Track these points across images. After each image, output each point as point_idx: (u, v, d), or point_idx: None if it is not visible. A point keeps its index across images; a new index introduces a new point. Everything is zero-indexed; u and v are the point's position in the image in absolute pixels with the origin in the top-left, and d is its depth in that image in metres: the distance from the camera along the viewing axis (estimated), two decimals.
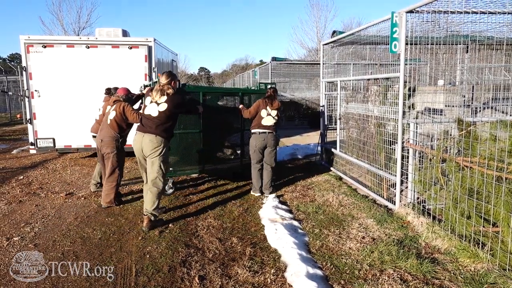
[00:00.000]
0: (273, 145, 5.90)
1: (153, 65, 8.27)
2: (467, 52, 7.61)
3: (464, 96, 7.13)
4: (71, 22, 25.04)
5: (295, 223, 4.72)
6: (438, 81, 8.16)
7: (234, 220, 4.92)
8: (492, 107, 7.16)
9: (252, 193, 6.09)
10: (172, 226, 4.73)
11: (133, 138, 4.76)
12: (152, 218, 4.64)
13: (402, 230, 4.36)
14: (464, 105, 6.76)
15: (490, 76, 7.53)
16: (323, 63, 7.72)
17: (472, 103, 6.85)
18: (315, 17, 30.43)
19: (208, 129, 6.05)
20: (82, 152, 9.18)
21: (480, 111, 7.10)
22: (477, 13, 4.23)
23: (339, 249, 3.97)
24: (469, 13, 4.24)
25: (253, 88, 7.45)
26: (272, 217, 4.88)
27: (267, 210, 5.15)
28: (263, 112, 5.85)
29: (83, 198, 5.93)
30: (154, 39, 8.25)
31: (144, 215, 4.65)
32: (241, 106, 6.21)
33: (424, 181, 4.36)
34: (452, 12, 4.43)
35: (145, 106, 4.77)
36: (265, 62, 18.50)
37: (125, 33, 8.88)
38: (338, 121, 6.95)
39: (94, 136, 6.20)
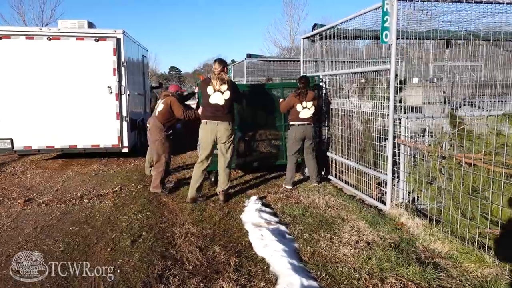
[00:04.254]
0: (311, 137, 5.94)
1: (123, 60, 7.69)
2: (447, 47, 7.50)
3: (444, 92, 7.00)
4: (33, 17, 23.65)
5: (282, 227, 4.34)
6: (413, 78, 8.03)
7: (214, 226, 4.49)
8: (471, 103, 7.07)
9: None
10: (146, 234, 4.25)
11: (202, 126, 5.16)
12: (227, 192, 5.39)
13: (396, 232, 4.07)
14: (444, 101, 6.62)
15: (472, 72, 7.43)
16: (303, 59, 7.39)
17: (456, 99, 6.69)
18: (288, 15, 30.43)
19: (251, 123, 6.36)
20: (44, 153, 8.46)
21: (460, 107, 6.99)
22: (472, 2, 3.99)
23: (333, 256, 3.62)
24: (463, 2, 4.00)
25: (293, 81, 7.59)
26: (256, 222, 4.49)
27: (250, 214, 4.74)
28: (299, 107, 5.84)
29: (44, 205, 5.32)
30: (123, 31, 7.68)
31: (220, 192, 5.29)
32: (281, 100, 6.19)
33: (420, 180, 4.09)
34: (444, 0, 4.18)
35: (208, 95, 5.05)
36: (236, 61, 18.02)
37: (91, 25, 8.22)
38: (320, 118, 6.64)
39: None
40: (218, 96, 5.04)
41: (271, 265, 3.46)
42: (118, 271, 3.41)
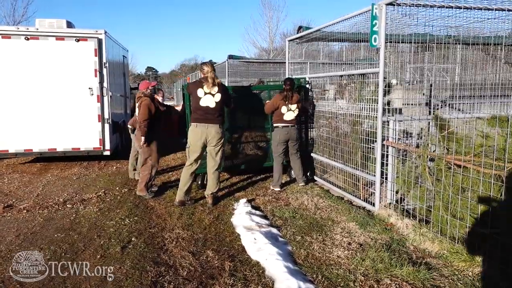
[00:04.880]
0: (296, 138, 5.99)
1: (104, 60, 7.51)
2: (427, 50, 7.69)
3: (424, 94, 7.18)
4: (4, 15, 22.84)
5: (274, 230, 4.33)
6: (392, 80, 8.20)
7: (205, 230, 4.44)
8: (450, 105, 7.28)
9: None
10: (136, 240, 4.16)
11: (192, 129, 5.08)
12: (216, 195, 5.33)
13: (386, 233, 4.13)
14: (424, 103, 6.78)
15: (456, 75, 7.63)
16: (289, 61, 7.41)
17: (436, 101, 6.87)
18: (267, 17, 30.65)
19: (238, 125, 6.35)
20: (21, 157, 8.17)
21: (438, 108, 7.19)
22: (461, 8, 4.10)
23: (327, 258, 3.64)
24: (452, 7, 4.10)
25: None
26: (247, 225, 4.46)
27: (241, 217, 4.72)
28: (283, 109, 5.84)
29: (25, 211, 5.12)
30: (105, 31, 7.50)
31: (209, 195, 5.24)
32: (266, 102, 6.20)
33: (409, 181, 4.17)
34: (432, 6, 4.28)
35: (198, 98, 4.97)
36: (215, 63, 17.91)
37: (70, 25, 7.98)
38: (307, 120, 6.68)
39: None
40: (209, 98, 4.98)
41: (267, 269, 3.45)
42: (110, 279, 3.32)
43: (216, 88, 4.99)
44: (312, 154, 6.51)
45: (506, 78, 6.67)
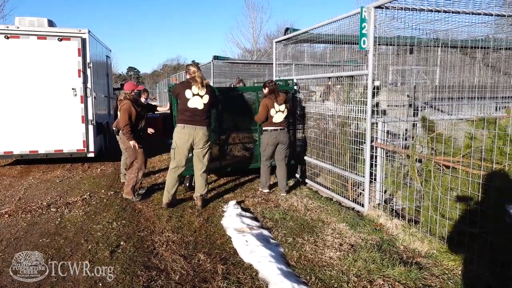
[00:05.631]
0: (285, 142, 5.76)
1: (88, 61, 7.35)
2: (411, 53, 7.84)
3: (409, 96, 7.31)
4: None
5: (265, 232, 4.32)
6: (374, 82, 8.31)
7: (195, 233, 4.39)
8: (433, 107, 7.43)
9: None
10: (125, 244, 4.07)
11: (178, 130, 5.00)
12: (205, 197, 5.29)
13: (376, 233, 4.18)
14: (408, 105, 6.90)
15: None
16: (276, 63, 7.42)
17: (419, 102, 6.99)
18: (251, 17, 30.62)
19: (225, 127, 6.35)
20: (0, 160, 7.91)
21: (422, 110, 7.33)
22: (449, 12, 4.18)
23: (319, 259, 3.65)
24: (440, 11, 4.18)
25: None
26: (238, 227, 4.44)
27: (231, 219, 4.69)
28: (272, 111, 5.65)
29: (7, 216, 4.96)
30: (89, 31, 7.35)
31: (198, 197, 5.19)
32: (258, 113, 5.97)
33: (398, 182, 4.23)
34: (421, 10, 4.34)
35: (187, 99, 4.91)
36: (198, 63, 17.80)
37: (51, 24, 7.80)
38: (295, 122, 6.70)
39: None
40: (197, 100, 4.94)
41: (260, 271, 3.43)
42: (100, 285, 3.24)
43: (204, 89, 4.95)
44: (297, 154, 6.53)
45: (487, 80, 6.86)
